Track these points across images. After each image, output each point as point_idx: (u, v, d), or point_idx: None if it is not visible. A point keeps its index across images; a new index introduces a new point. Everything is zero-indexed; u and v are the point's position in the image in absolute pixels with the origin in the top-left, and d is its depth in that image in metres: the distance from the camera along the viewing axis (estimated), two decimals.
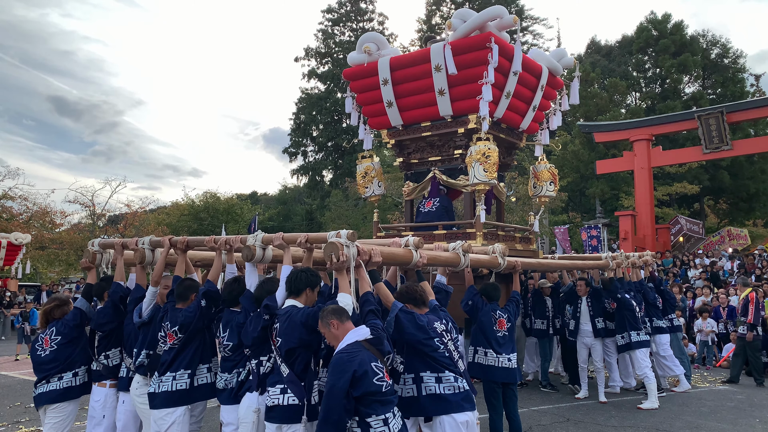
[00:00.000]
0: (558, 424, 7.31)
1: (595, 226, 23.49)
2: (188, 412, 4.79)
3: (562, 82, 8.45)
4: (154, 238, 5.35)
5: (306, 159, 47.43)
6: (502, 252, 5.78)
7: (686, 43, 35.53)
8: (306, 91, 47.08)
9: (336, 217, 38.97)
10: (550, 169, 8.50)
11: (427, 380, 4.19)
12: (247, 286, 4.66)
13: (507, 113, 7.50)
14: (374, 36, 8.02)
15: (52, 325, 5.40)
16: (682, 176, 29.72)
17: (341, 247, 4.08)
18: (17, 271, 22.05)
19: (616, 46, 41.17)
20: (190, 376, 4.74)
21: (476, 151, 6.82)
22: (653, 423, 7.32)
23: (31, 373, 12.12)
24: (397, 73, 7.45)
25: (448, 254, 5.14)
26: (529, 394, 9.07)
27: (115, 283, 5.43)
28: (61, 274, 35.10)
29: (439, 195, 7.66)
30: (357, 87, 8.02)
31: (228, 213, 38.79)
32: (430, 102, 7.33)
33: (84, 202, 32.70)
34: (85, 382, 5.46)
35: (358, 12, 47.50)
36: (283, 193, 55.65)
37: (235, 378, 4.72)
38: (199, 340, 4.84)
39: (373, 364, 3.54)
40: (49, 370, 5.27)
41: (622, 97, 35.51)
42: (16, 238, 22.05)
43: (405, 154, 8.12)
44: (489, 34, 6.70)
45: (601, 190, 30.50)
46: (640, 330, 8.49)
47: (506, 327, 5.78)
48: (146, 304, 5.06)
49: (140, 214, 33.89)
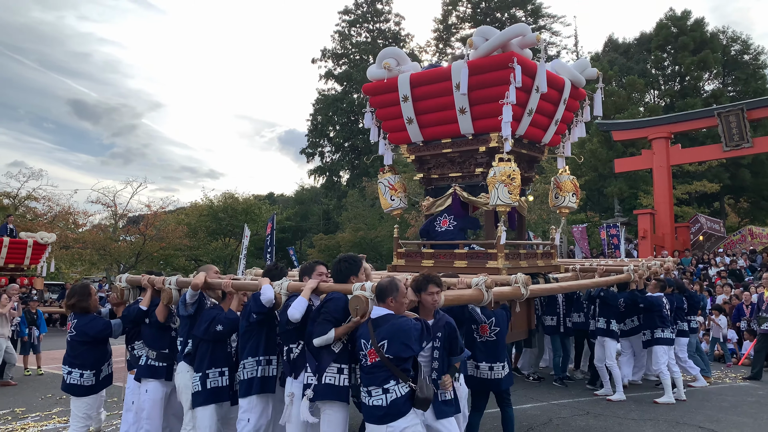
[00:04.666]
0: (578, 416, 7.39)
1: (614, 225, 23.37)
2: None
3: (584, 93, 8.31)
4: (181, 279, 5.48)
5: (323, 159, 47.74)
6: (524, 282, 5.65)
7: (706, 40, 35.20)
8: (323, 92, 47.39)
9: (353, 217, 39.23)
10: (572, 180, 8.37)
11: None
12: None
13: (529, 129, 7.37)
14: (394, 51, 7.91)
15: (75, 317, 5.65)
16: (702, 174, 29.48)
17: (366, 301, 4.13)
18: (42, 270, 22.44)
19: (634, 43, 40.90)
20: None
21: (500, 172, 6.72)
22: (674, 416, 7.37)
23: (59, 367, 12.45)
24: (417, 90, 7.38)
25: (472, 291, 5.04)
26: (548, 389, 9.17)
27: (137, 308, 5.65)
28: (83, 273, 35.68)
29: (455, 213, 7.62)
30: (376, 102, 7.96)
31: (246, 213, 39.23)
32: (451, 119, 7.25)
33: (106, 203, 33.28)
34: (92, 385, 5.63)
35: (375, 13, 47.72)
36: (299, 194, 56.04)
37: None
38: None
39: None
40: (67, 358, 5.62)
41: (640, 95, 35.29)
42: (42, 237, 22.47)
43: (425, 169, 8.05)
44: (511, 53, 6.61)
45: (620, 188, 30.34)
46: (666, 328, 8.61)
47: (488, 332, 5.64)
48: (190, 298, 5.18)
49: (160, 215, 34.35)
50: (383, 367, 3.96)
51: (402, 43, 48.40)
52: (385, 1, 47.89)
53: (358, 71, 46.08)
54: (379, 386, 3.97)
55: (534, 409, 7.83)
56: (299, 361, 4.52)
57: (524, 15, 44.23)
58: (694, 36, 34.90)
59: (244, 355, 4.83)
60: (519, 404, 8.12)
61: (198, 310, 5.20)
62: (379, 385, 3.97)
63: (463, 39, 44.99)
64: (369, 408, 4.01)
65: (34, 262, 22.45)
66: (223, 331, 4.92)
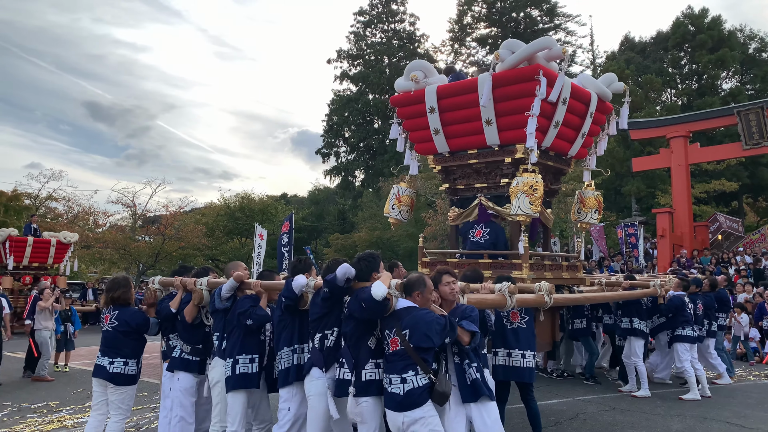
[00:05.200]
0: (604, 412, 7.47)
1: (632, 224, 23.33)
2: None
3: (611, 107, 8.33)
4: (212, 280, 5.66)
5: (338, 160, 47.94)
6: (548, 290, 5.70)
7: (724, 38, 34.97)
8: (338, 93, 47.58)
9: (368, 217, 39.37)
10: (596, 197, 8.31)
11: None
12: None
13: (555, 141, 7.38)
14: (422, 64, 7.98)
15: (116, 309, 5.80)
16: (720, 173, 29.31)
17: (390, 297, 4.27)
18: (65, 269, 22.82)
19: (651, 42, 40.66)
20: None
21: (523, 182, 6.77)
22: (700, 412, 7.43)
23: (89, 363, 12.69)
24: (443, 102, 7.46)
25: (495, 296, 5.14)
26: (572, 385, 9.25)
27: (168, 310, 5.85)
28: (103, 273, 36.13)
29: (490, 225, 7.61)
30: (404, 114, 8.07)
31: (263, 213, 39.58)
32: (477, 131, 7.30)
33: (126, 203, 33.71)
34: (135, 374, 5.77)
35: (390, 13, 47.86)
36: (313, 194, 56.37)
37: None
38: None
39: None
40: (106, 348, 5.72)
41: (657, 94, 35.13)
42: (65, 236, 22.84)
43: (451, 179, 8.10)
44: (537, 66, 6.65)
45: (637, 187, 30.24)
46: (688, 326, 8.73)
47: (519, 319, 5.70)
48: (226, 292, 5.34)
49: (179, 215, 34.78)
50: (404, 355, 4.12)
51: (417, 43, 48.50)
52: (400, 2, 48.01)
53: (373, 72, 46.24)
54: (398, 374, 4.11)
55: (560, 405, 7.92)
56: (333, 351, 4.62)
57: (539, 14, 44.14)
58: (712, 34, 34.68)
59: (280, 345, 4.96)
60: (544, 400, 8.22)
61: (232, 304, 5.36)
62: (398, 373, 4.11)
63: (478, 39, 45.04)
64: (388, 395, 4.16)
65: (57, 261, 22.83)
66: (252, 325, 5.11)
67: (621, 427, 6.73)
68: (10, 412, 8.27)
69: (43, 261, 22.35)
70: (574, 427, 6.78)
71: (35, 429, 7.22)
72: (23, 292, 21.33)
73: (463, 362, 4.42)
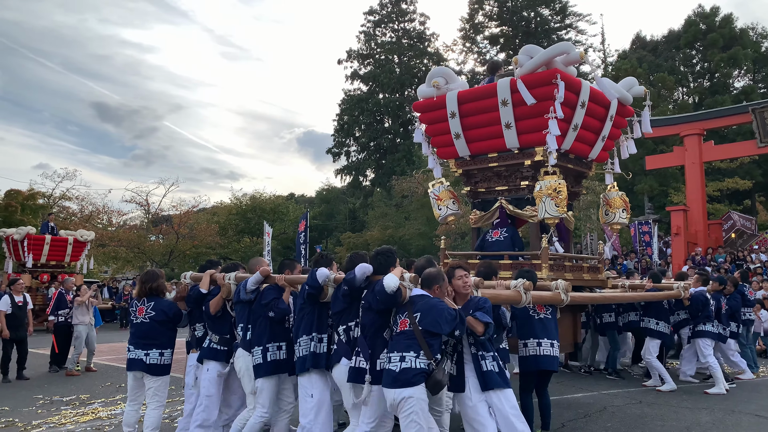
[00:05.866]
0: (631, 405, 7.54)
1: (646, 222, 23.36)
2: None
3: (632, 111, 8.41)
4: (240, 274, 5.87)
5: (349, 159, 48.09)
6: (564, 288, 5.80)
7: (736, 36, 34.94)
8: (349, 92, 47.72)
9: (379, 216, 39.50)
10: (621, 196, 8.40)
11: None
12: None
13: (575, 144, 7.48)
14: (443, 71, 8.12)
15: (151, 300, 5.98)
16: (733, 171, 29.26)
17: (404, 289, 4.50)
18: (83, 267, 23.05)
19: (662, 41, 40.62)
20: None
21: (546, 186, 6.88)
22: (728, 405, 7.48)
23: (111, 359, 12.89)
24: (464, 107, 7.59)
25: (510, 292, 5.26)
26: (596, 380, 9.34)
27: (198, 290, 6.07)
28: (115, 271, 36.44)
29: (506, 225, 7.75)
30: (426, 119, 8.21)
31: (274, 212, 39.82)
32: (497, 134, 7.42)
33: (140, 202, 33.98)
34: (170, 364, 6.00)
35: (400, 13, 47.96)
36: (320, 194, 56.62)
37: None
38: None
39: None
40: (141, 340, 5.88)
41: (669, 93, 35.08)
42: (82, 235, 23.08)
43: (472, 183, 8.19)
44: (555, 70, 6.78)
45: (650, 186, 30.21)
46: (709, 321, 8.82)
47: (544, 309, 5.87)
48: (251, 284, 5.51)
49: (191, 214, 35.10)
50: (410, 335, 4.34)
51: (427, 42, 48.56)
52: (410, 1, 48.08)
53: (383, 71, 46.35)
54: (398, 353, 4.32)
55: (586, 398, 7.99)
56: (357, 341, 4.79)
57: (550, 13, 44.12)
58: (723, 32, 34.65)
59: (299, 333, 5.16)
60: (569, 393, 8.33)
61: (256, 296, 5.56)
62: (399, 351, 4.32)
63: (489, 37, 45.04)
64: (386, 372, 4.37)
65: (74, 259, 23.05)
66: (274, 318, 5.35)
67: (650, 420, 6.79)
68: (42, 404, 8.43)
69: (61, 259, 22.59)
70: (604, 419, 6.85)
71: (71, 420, 7.36)
72: (40, 289, 21.57)
73: (479, 353, 4.65)
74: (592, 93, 7.30)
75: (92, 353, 11.59)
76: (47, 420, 7.38)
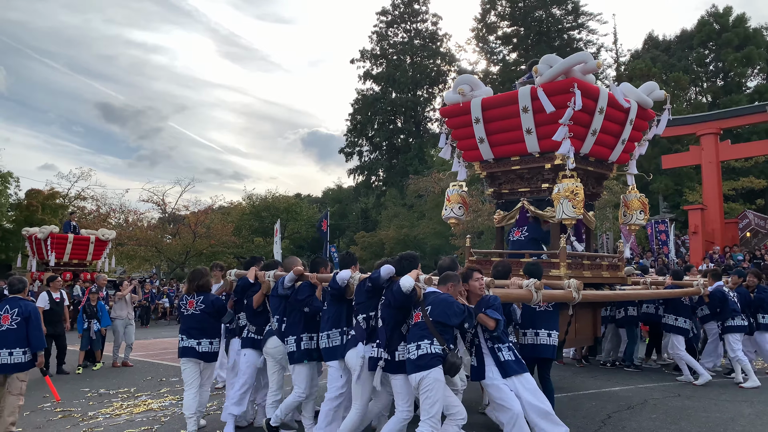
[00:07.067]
0: (671, 398, 7.70)
1: (662, 220, 23.43)
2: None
3: (653, 114, 8.69)
4: (278, 273, 6.51)
5: (361, 159, 48.30)
6: (576, 287, 6.12)
7: (749, 36, 34.99)
8: (361, 92, 47.95)
9: (392, 216, 39.71)
10: (640, 198, 8.66)
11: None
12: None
13: (594, 148, 7.81)
14: (469, 78, 8.51)
15: (201, 294, 6.51)
16: (747, 171, 29.29)
17: (419, 289, 5.11)
18: (104, 265, 23.35)
19: (675, 40, 40.64)
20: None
21: (564, 188, 7.19)
22: (767, 398, 7.63)
23: (142, 355, 13.11)
24: (488, 113, 7.97)
25: (521, 291, 5.70)
26: (627, 374, 9.51)
27: (246, 280, 6.76)
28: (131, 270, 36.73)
29: (527, 225, 8.06)
30: (452, 124, 8.61)
31: (288, 212, 40.14)
32: (519, 139, 7.78)
33: (157, 201, 34.31)
34: (217, 351, 6.58)
35: (412, 13, 48.17)
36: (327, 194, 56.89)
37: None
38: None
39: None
40: (193, 331, 6.37)
41: (683, 92, 35.13)
42: (103, 234, 23.38)
43: (496, 184, 8.58)
44: (573, 79, 7.11)
45: (665, 185, 30.28)
46: (737, 315, 8.98)
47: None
48: (288, 282, 6.18)
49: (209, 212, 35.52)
50: (423, 326, 4.89)
51: (439, 42, 48.74)
52: (422, 1, 48.28)
53: (396, 71, 46.56)
54: (415, 343, 4.86)
55: (624, 392, 8.16)
56: (375, 329, 5.37)
57: (563, 13, 44.15)
58: (737, 32, 34.71)
59: (329, 326, 5.81)
60: (606, 387, 8.51)
61: (291, 291, 6.23)
62: (415, 341, 4.87)
63: (501, 37, 45.13)
64: (407, 361, 4.89)
65: (96, 258, 23.35)
66: (308, 312, 5.99)
67: (693, 411, 6.95)
68: (91, 397, 8.66)
69: (83, 258, 22.86)
70: (647, 410, 7.02)
71: (126, 411, 7.59)
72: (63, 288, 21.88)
73: (495, 345, 5.21)
74: (610, 99, 7.63)
75: (129, 348, 11.83)
76: (101, 411, 7.61)
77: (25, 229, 23.42)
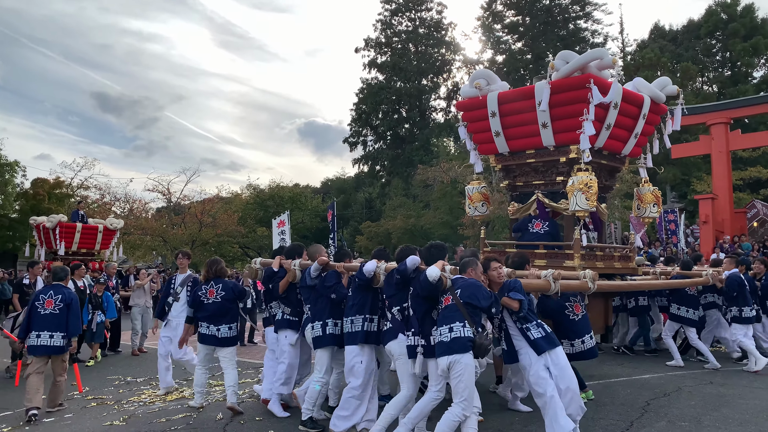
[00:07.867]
0: (704, 385, 7.69)
1: (671, 210, 23.40)
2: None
3: (665, 108, 8.79)
4: (303, 262, 6.68)
5: (366, 148, 48.19)
6: (592, 277, 6.15)
7: (757, 26, 34.91)
8: (366, 81, 47.74)
9: (397, 206, 39.65)
10: (653, 191, 8.84)
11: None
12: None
13: (608, 142, 7.95)
14: (485, 73, 8.73)
15: (219, 282, 6.86)
16: (755, 161, 29.25)
17: (445, 279, 5.19)
18: (113, 255, 23.27)
19: (682, 30, 40.48)
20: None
21: (578, 181, 7.34)
22: None
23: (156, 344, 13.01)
24: (504, 107, 8.08)
25: (539, 281, 5.77)
26: (655, 362, 9.49)
27: (270, 268, 7.03)
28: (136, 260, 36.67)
29: (548, 219, 8.18)
30: (468, 117, 8.72)
31: (293, 201, 40.07)
32: (534, 133, 7.89)
33: (162, 191, 34.20)
34: (237, 335, 7.02)
35: (417, 1, 47.88)
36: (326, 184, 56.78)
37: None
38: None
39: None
40: (214, 318, 6.73)
41: (691, 82, 35.04)
42: (111, 223, 23.22)
43: (511, 177, 8.70)
44: (588, 75, 7.23)
45: (673, 175, 30.25)
46: (747, 305, 9.04)
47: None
48: (314, 272, 6.32)
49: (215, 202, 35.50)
50: (454, 308, 4.95)
51: (444, 31, 48.50)
52: None
53: (401, 60, 46.34)
54: (447, 325, 4.91)
55: (655, 379, 8.16)
56: (410, 320, 5.44)
57: (568, 3, 43.91)
58: (744, 22, 34.64)
59: (353, 312, 5.93)
60: (636, 375, 8.50)
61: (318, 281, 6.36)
62: (447, 324, 4.92)
63: (507, 26, 44.93)
64: (438, 344, 4.96)
65: (104, 247, 23.19)
66: (335, 299, 6.13)
67: (730, 398, 6.95)
68: (119, 384, 8.65)
69: (91, 247, 22.71)
70: (683, 398, 7.01)
71: (158, 399, 7.58)
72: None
73: (523, 326, 5.25)
74: (624, 94, 7.73)
75: (145, 336, 11.84)
76: (132, 399, 7.59)
77: (32, 219, 23.27)
